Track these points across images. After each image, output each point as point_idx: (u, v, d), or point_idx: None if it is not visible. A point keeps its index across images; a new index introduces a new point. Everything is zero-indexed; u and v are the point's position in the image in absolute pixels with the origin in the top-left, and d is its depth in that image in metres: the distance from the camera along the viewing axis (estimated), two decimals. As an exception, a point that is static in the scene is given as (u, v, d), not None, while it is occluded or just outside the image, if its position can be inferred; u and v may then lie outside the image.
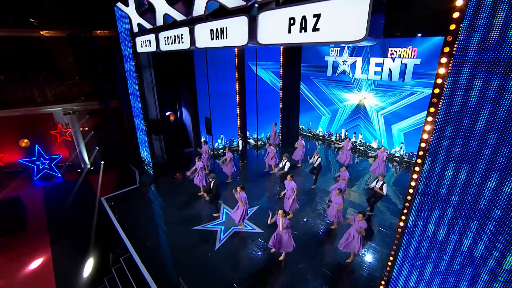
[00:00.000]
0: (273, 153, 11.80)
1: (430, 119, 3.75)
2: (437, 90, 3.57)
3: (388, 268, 5.06)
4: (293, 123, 16.64)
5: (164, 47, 8.40)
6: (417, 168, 4.02)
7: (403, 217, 4.43)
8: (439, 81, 3.47)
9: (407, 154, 12.99)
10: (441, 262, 4.12)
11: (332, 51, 14.19)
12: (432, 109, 3.71)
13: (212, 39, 6.21)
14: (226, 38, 5.82)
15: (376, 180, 8.74)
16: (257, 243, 7.99)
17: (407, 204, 4.25)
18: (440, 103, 3.58)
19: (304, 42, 4.28)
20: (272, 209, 7.29)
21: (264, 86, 14.76)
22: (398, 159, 13.31)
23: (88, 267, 9.24)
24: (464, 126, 3.45)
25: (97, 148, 13.47)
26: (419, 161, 3.93)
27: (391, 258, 4.93)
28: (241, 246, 7.96)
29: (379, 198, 8.87)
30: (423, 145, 3.84)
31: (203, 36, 6.47)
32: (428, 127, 3.78)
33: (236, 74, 13.40)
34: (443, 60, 3.44)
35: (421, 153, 3.86)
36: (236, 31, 5.53)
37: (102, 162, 13.34)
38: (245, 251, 7.74)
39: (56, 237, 10.56)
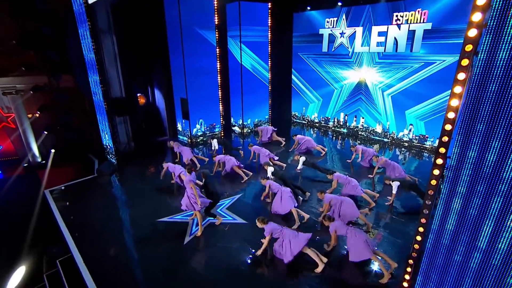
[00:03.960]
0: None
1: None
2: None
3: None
4: (284, 109, 14.69)
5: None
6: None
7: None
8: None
9: (417, 137, 11.21)
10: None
11: (327, 22, 12.43)
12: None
13: None
14: None
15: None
16: (237, 235, 6.41)
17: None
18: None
19: None
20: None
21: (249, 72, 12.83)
22: (406, 143, 11.51)
23: (14, 277, 6.75)
24: None
25: (45, 132, 10.90)
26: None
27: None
28: (217, 239, 6.31)
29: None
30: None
31: None
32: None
33: (217, 34, 11.36)
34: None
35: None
36: None
37: (53, 151, 10.79)
38: (222, 245, 6.14)
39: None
